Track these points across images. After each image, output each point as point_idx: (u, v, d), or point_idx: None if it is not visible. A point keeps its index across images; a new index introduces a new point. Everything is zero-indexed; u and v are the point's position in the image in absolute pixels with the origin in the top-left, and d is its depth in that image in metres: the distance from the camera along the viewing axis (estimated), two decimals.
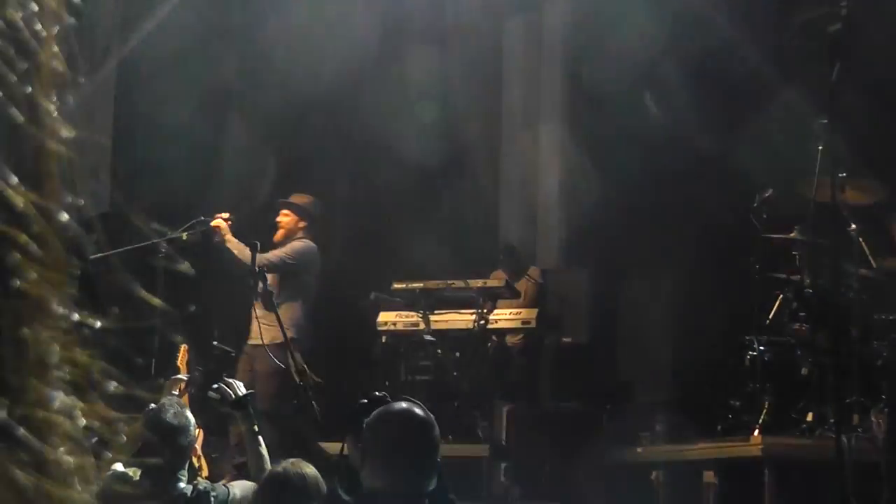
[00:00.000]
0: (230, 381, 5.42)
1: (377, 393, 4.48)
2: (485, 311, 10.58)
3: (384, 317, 10.83)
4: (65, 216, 1.33)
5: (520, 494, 9.74)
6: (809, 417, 8.03)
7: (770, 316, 8.62)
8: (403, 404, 4.19)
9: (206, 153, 13.72)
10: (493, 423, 10.85)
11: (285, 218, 10.21)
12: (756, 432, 7.98)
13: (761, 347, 8.52)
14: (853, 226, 8.08)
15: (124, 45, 13.44)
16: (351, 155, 14.57)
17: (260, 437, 5.40)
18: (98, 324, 1.34)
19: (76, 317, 1.31)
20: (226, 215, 9.73)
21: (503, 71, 14.60)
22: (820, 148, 7.36)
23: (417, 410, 4.05)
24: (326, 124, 13.90)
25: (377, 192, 14.68)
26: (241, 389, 5.38)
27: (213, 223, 9.63)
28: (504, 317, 10.79)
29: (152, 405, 5.47)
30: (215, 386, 5.37)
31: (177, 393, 5.87)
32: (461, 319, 10.68)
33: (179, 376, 5.60)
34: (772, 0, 10.34)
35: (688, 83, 11.90)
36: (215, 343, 8.56)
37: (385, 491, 3.81)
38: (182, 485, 5.17)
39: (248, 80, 13.92)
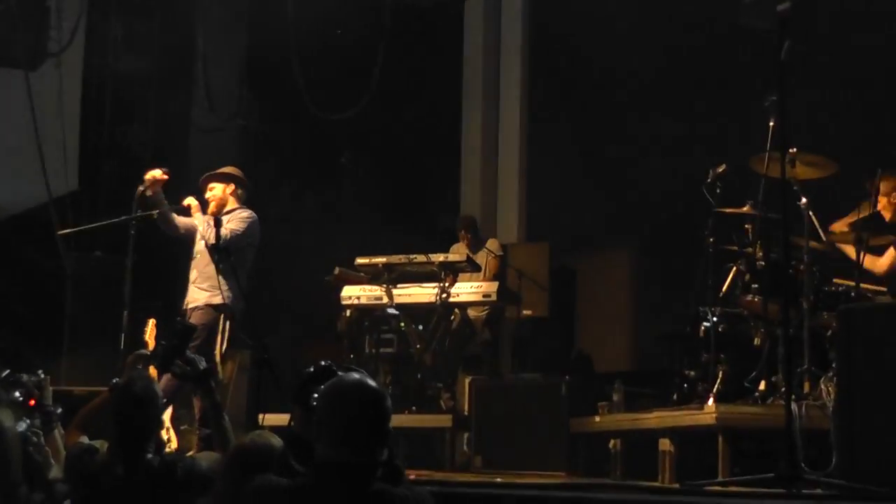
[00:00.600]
0: (192, 356, 5.39)
1: (323, 363, 4.49)
2: (447, 284, 10.58)
3: (348, 291, 10.81)
4: None
5: (482, 463, 9.76)
6: (762, 386, 8.08)
7: (723, 288, 8.65)
8: (356, 376, 4.15)
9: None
10: (456, 395, 10.88)
11: (212, 192, 9.68)
12: (710, 401, 8.02)
13: (715, 319, 8.55)
14: (803, 200, 8.12)
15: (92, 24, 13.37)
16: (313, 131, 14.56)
17: (224, 412, 5.40)
18: None
19: None
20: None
21: (463, 46, 14.62)
22: (770, 124, 7.39)
23: (370, 382, 4.06)
24: None
25: (341, 167, 14.68)
26: (202, 364, 5.36)
27: (185, 202, 9.54)
28: (466, 290, 10.80)
29: (116, 379, 5.46)
30: (177, 361, 5.35)
31: (140, 367, 5.84)
32: (424, 293, 10.68)
33: (142, 351, 5.57)
34: None
35: (645, 59, 11.92)
36: (179, 319, 8.46)
37: (340, 462, 3.81)
38: (149, 456, 5.16)
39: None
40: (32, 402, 5.79)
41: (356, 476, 3.83)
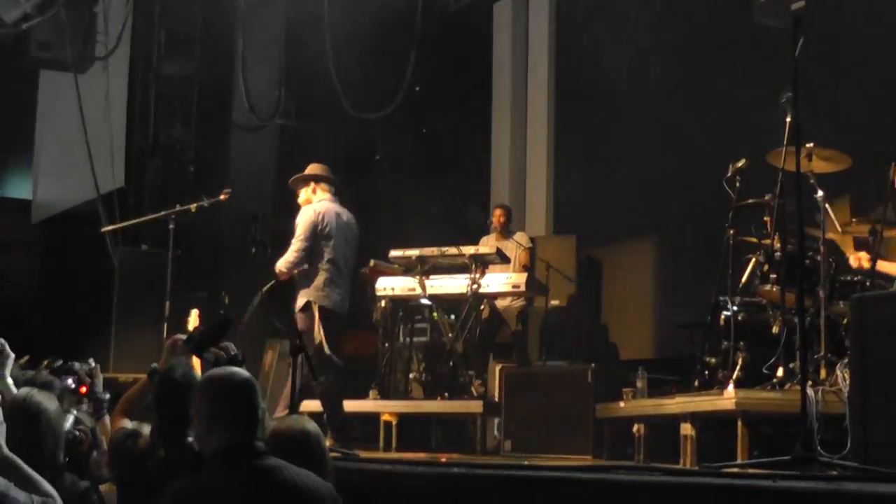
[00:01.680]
0: (225, 343, 5.41)
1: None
2: (477, 276, 10.59)
3: (383, 282, 10.84)
4: None
5: (511, 447, 9.78)
6: (780, 373, 8.03)
7: (743, 278, 8.63)
8: (232, 369, 4.41)
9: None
10: (487, 382, 10.90)
11: (298, 199, 9.65)
12: (730, 387, 7.99)
13: (735, 308, 8.52)
14: (820, 193, 8.09)
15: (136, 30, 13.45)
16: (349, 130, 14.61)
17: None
18: None
19: None
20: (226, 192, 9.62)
21: (493, 47, 14.63)
22: (787, 120, 7.36)
23: (241, 373, 4.33)
24: None
25: (376, 164, 14.74)
26: (233, 349, 5.38)
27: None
28: (496, 281, 10.81)
29: (154, 364, 5.49)
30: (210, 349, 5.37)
31: (180, 354, 5.86)
32: (455, 284, 10.69)
33: (179, 336, 5.59)
34: None
35: (666, 59, 11.90)
36: (221, 311, 8.53)
37: (229, 446, 4.12)
38: (189, 439, 5.19)
39: None
40: (84, 390, 5.83)
41: (245, 455, 4.09)
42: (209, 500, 4.07)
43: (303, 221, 9.33)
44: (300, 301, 9.22)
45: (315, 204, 9.44)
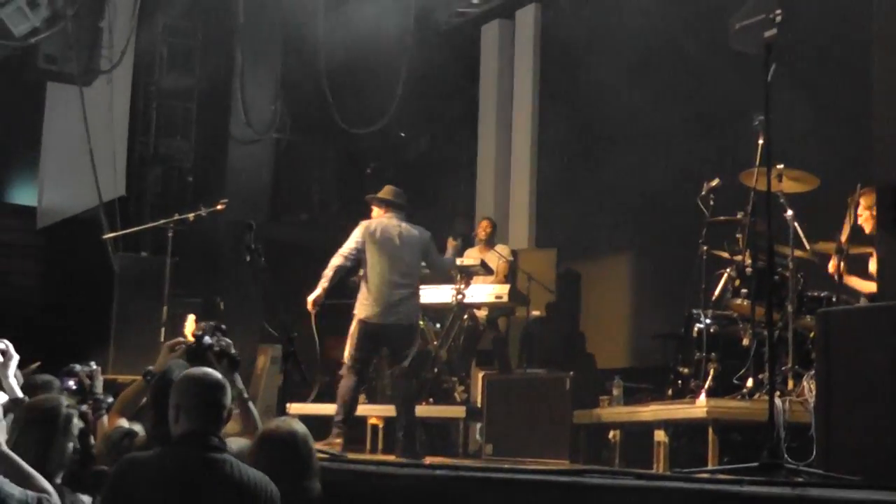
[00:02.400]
0: (227, 342, 5.44)
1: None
2: (462, 286, 10.60)
3: None
4: None
5: (492, 451, 9.78)
6: (749, 383, 8.07)
7: (715, 292, 8.66)
8: (207, 370, 4.65)
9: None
10: (470, 388, 10.90)
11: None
12: (702, 396, 8.03)
13: (707, 320, 8.57)
14: (789, 212, 8.13)
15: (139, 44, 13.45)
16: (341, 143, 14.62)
17: (250, 400, 5.44)
18: None
19: None
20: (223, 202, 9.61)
21: (480, 66, 14.66)
22: (759, 142, 7.39)
23: (214, 374, 4.59)
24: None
25: (366, 176, 14.73)
26: (233, 350, 5.41)
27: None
28: (480, 292, 10.82)
29: (150, 367, 5.50)
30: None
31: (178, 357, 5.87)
32: (441, 294, 10.70)
33: (180, 339, 5.60)
34: (714, 8, 10.35)
35: (646, 83, 11.92)
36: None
37: (180, 432, 4.41)
38: None
39: None
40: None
41: (198, 444, 4.33)
42: (150, 475, 4.25)
43: None
44: None
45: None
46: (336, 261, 9.22)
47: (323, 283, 9.16)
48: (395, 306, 9.22)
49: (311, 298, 9.12)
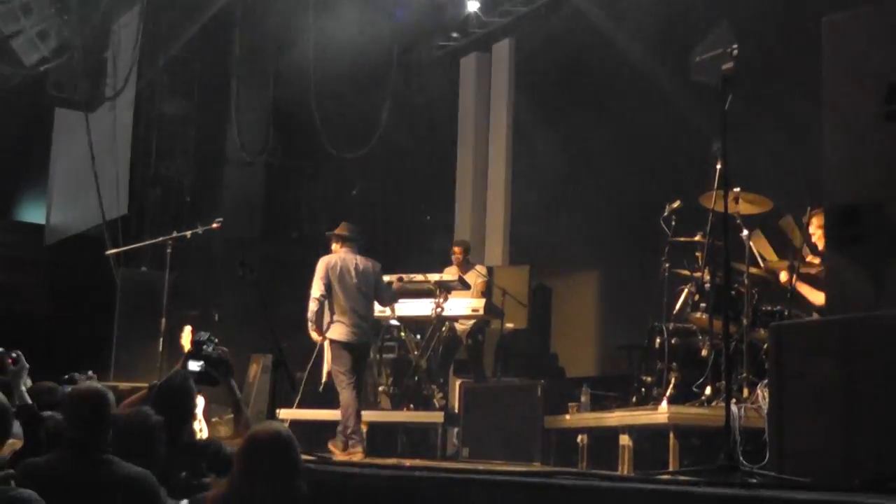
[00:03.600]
0: (224, 350, 5.46)
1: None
2: (441, 300, 10.59)
3: None
4: None
5: (469, 454, 9.76)
6: (707, 391, 8.07)
7: (676, 306, 8.66)
8: (102, 390, 4.88)
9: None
10: (448, 395, 10.88)
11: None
12: (664, 403, 8.02)
13: (669, 332, 8.57)
14: (745, 232, 8.15)
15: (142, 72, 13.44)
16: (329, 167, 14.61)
17: (243, 406, 5.45)
18: None
19: None
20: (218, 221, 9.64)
21: (459, 94, 14.68)
22: (717, 167, 7.41)
23: (103, 392, 4.82)
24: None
25: (352, 198, 14.72)
26: (227, 356, 5.42)
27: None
28: (457, 305, 10.81)
29: (155, 381, 5.54)
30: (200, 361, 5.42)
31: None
32: (421, 307, 10.70)
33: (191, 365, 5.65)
34: (678, 43, 10.39)
35: (615, 109, 11.95)
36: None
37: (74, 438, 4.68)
38: (185, 439, 5.23)
39: None
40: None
41: (86, 449, 4.62)
42: (48, 475, 4.50)
43: None
44: None
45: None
46: (314, 306, 9.51)
47: (314, 329, 9.49)
48: (358, 327, 9.58)
49: (315, 337, 9.54)
